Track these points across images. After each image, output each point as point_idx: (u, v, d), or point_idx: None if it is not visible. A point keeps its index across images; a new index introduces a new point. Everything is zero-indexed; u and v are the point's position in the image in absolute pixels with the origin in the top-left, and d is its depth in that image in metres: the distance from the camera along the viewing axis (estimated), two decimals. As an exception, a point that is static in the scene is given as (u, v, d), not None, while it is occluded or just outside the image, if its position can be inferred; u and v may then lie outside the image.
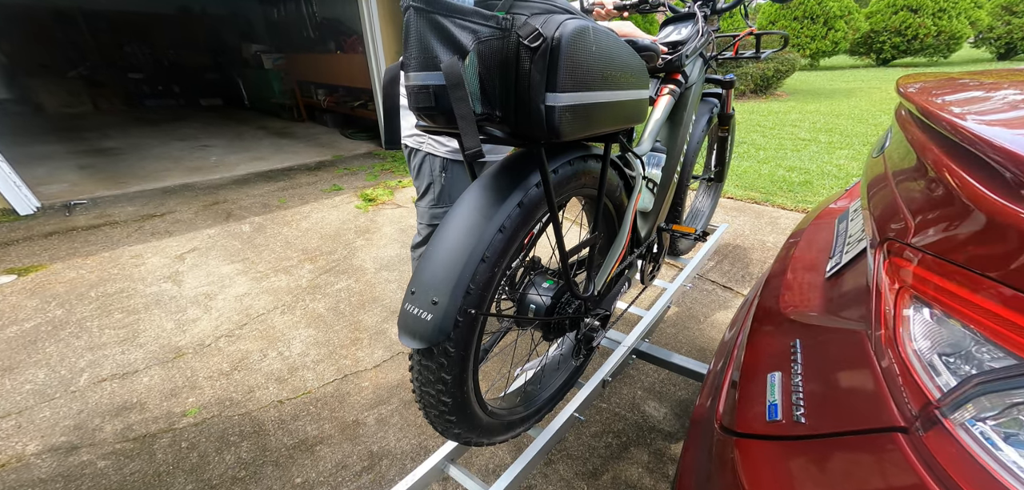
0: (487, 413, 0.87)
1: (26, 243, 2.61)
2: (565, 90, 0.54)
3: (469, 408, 0.78)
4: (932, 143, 0.50)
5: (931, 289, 0.38)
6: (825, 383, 0.46)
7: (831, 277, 0.67)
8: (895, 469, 0.34)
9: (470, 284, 0.63)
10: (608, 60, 0.62)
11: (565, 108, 0.55)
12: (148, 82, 8.22)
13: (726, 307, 1.96)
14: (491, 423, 0.89)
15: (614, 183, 0.96)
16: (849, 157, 3.96)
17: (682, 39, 1.27)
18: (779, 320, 0.65)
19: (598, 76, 0.60)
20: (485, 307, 0.68)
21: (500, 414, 0.94)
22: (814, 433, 0.42)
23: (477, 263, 0.63)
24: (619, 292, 1.15)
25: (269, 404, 1.48)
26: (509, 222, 0.67)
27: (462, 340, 0.67)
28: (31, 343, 1.77)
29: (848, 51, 13.19)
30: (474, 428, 0.83)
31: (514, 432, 1.01)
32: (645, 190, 1.24)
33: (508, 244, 0.68)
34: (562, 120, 0.55)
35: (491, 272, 0.67)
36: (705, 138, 1.61)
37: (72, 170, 4.08)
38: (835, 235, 0.79)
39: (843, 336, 0.50)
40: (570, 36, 0.52)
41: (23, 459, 1.28)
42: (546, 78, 0.52)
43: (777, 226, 2.70)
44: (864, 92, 7.82)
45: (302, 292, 2.14)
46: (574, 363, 1.13)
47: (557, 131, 0.55)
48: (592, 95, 0.60)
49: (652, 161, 1.28)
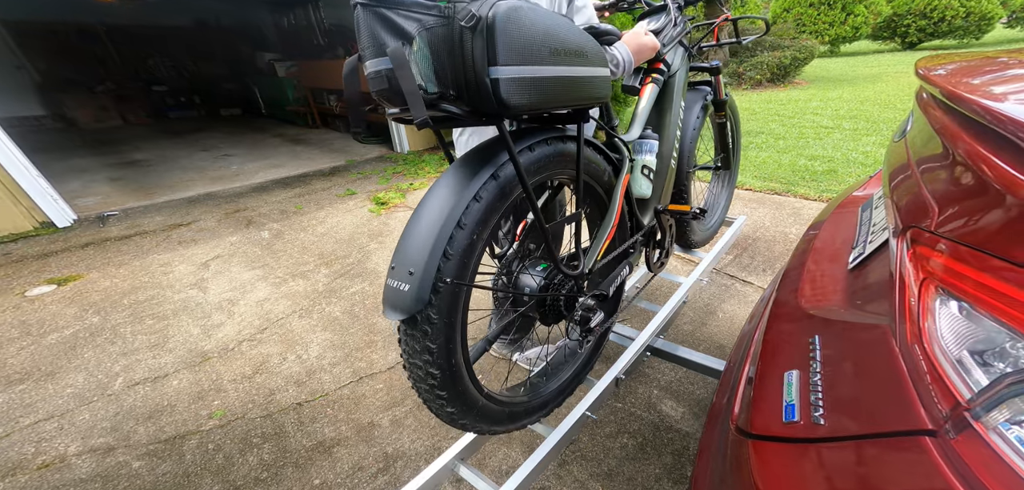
0: (485, 396, 0.87)
1: (64, 254, 2.77)
2: (508, 64, 0.58)
3: (461, 385, 0.78)
4: (960, 127, 0.47)
5: (960, 281, 0.35)
6: (846, 382, 0.44)
7: (854, 268, 0.63)
8: (922, 476, 0.31)
9: (447, 249, 0.66)
10: (552, 37, 0.65)
11: (510, 80, 0.60)
12: (171, 94, 8.59)
13: (746, 302, 1.90)
14: (490, 408, 0.89)
15: (600, 166, 0.99)
16: (876, 144, 3.78)
17: (657, 28, 1.32)
18: (797, 315, 0.62)
19: (544, 51, 0.64)
20: (468, 277, 0.71)
21: (501, 400, 0.94)
22: (834, 436, 0.40)
23: (452, 229, 0.66)
24: (621, 277, 1.14)
25: (289, 406, 1.52)
26: (484, 192, 0.70)
27: (445, 309, 0.69)
28: (71, 349, 1.87)
29: (870, 36, 12.59)
30: (470, 410, 0.82)
31: (519, 423, 1.01)
32: (643, 178, 1.26)
33: (487, 214, 0.71)
34: (509, 91, 0.59)
35: (470, 239, 0.69)
36: (703, 126, 1.64)
37: (104, 183, 4.30)
38: (859, 224, 0.75)
39: (865, 331, 0.47)
40: (503, 13, 0.57)
41: (65, 460, 1.35)
42: (487, 53, 0.57)
43: (800, 217, 2.60)
44: (890, 77, 7.45)
45: (319, 296, 2.19)
46: (580, 352, 1.12)
47: (506, 102, 0.59)
48: (539, 70, 0.64)
49: (646, 149, 1.29)
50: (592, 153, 0.97)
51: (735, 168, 2.11)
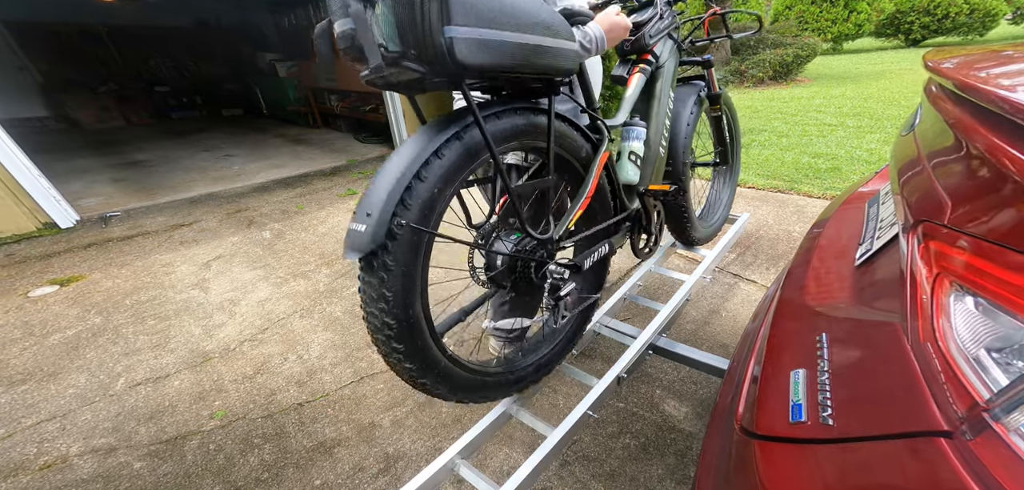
0: (448, 357, 0.87)
1: (67, 254, 2.77)
2: (464, 24, 0.62)
3: (420, 340, 0.79)
4: (975, 119, 0.45)
5: (977, 276, 0.34)
6: (855, 381, 0.43)
7: (861, 265, 0.62)
8: (938, 479, 0.30)
9: (404, 196, 0.69)
10: (511, 4, 0.69)
11: (465, 40, 0.63)
12: (174, 95, 8.61)
13: (749, 301, 1.88)
14: (455, 372, 0.89)
15: (577, 142, 1.03)
16: (881, 141, 3.75)
17: (643, 20, 1.36)
18: (803, 313, 0.61)
19: (502, 17, 0.68)
20: (431, 225, 0.74)
21: (470, 368, 0.93)
22: (843, 437, 0.39)
23: (410, 179, 0.70)
24: (599, 254, 1.16)
25: (290, 406, 1.52)
26: (446, 150, 0.74)
27: (401, 256, 0.71)
28: (73, 349, 1.87)
29: (873, 33, 12.47)
30: (430, 370, 0.82)
31: (489, 395, 1.01)
32: (630, 164, 1.32)
33: (450, 171, 0.75)
34: (463, 51, 0.63)
35: (431, 192, 0.72)
36: (698, 120, 1.68)
37: (107, 183, 4.31)
38: (865, 220, 0.74)
39: (875, 329, 0.46)
40: None
41: (67, 460, 1.35)
42: (442, 14, 0.60)
43: (803, 215, 2.58)
44: (894, 74, 7.39)
45: (320, 296, 2.18)
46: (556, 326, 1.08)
47: (460, 61, 0.63)
48: (496, 33, 0.67)
49: (633, 136, 1.34)
50: (568, 128, 0.99)
51: (736, 165, 2.10)
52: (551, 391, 1.50)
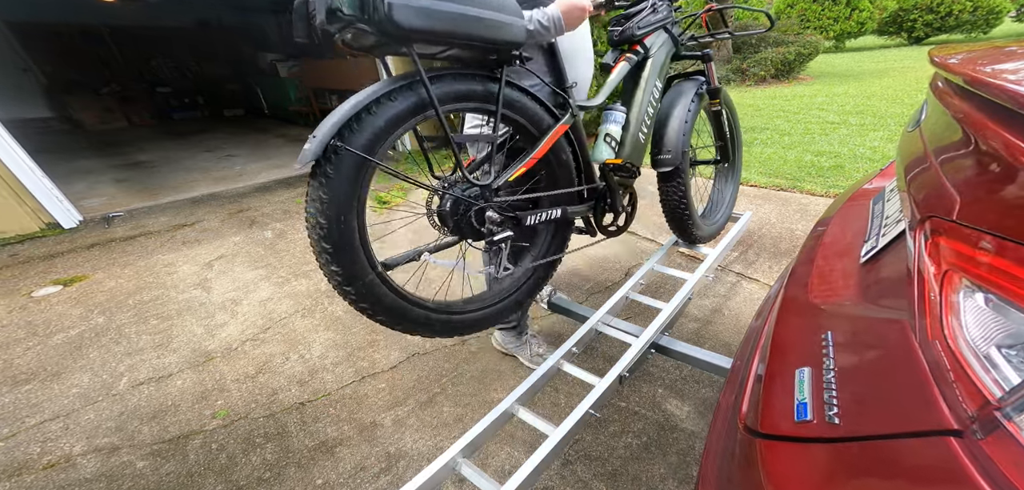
0: (377, 273, 0.95)
1: (70, 255, 2.79)
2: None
3: (348, 247, 0.87)
4: (983, 114, 0.45)
5: (988, 272, 0.33)
6: (862, 380, 0.42)
7: (867, 262, 0.61)
8: (947, 478, 0.30)
9: (351, 122, 0.80)
10: None
11: (403, 6, 0.73)
12: (175, 96, 8.63)
13: (751, 300, 1.87)
14: (380, 290, 0.96)
15: (538, 113, 1.11)
16: (884, 139, 3.73)
17: (634, 13, 1.41)
18: (808, 311, 0.60)
19: None
20: (377, 155, 0.85)
21: (399, 292, 1.00)
22: (850, 436, 0.38)
23: (358, 110, 0.81)
24: (548, 215, 1.20)
25: (291, 406, 1.52)
26: (399, 95, 0.85)
27: (342, 171, 0.81)
28: (76, 349, 1.88)
29: (876, 31, 12.41)
30: (355, 279, 0.90)
31: (412, 327, 1.05)
32: (605, 145, 1.41)
33: (400, 114, 0.86)
34: (402, 16, 0.72)
35: (375, 127, 0.83)
36: (697, 115, 1.69)
37: (110, 184, 4.33)
38: (870, 217, 0.73)
39: (882, 327, 0.45)
40: None
41: (70, 459, 1.36)
42: None
43: (807, 213, 2.57)
44: (896, 72, 7.35)
45: (321, 296, 2.19)
46: (497, 275, 1.16)
47: (399, 24, 0.72)
48: (436, 2, 0.77)
49: (611, 119, 1.42)
50: (525, 99, 1.08)
51: (737, 163, 2.09)
52: (553, 391, 1.50)
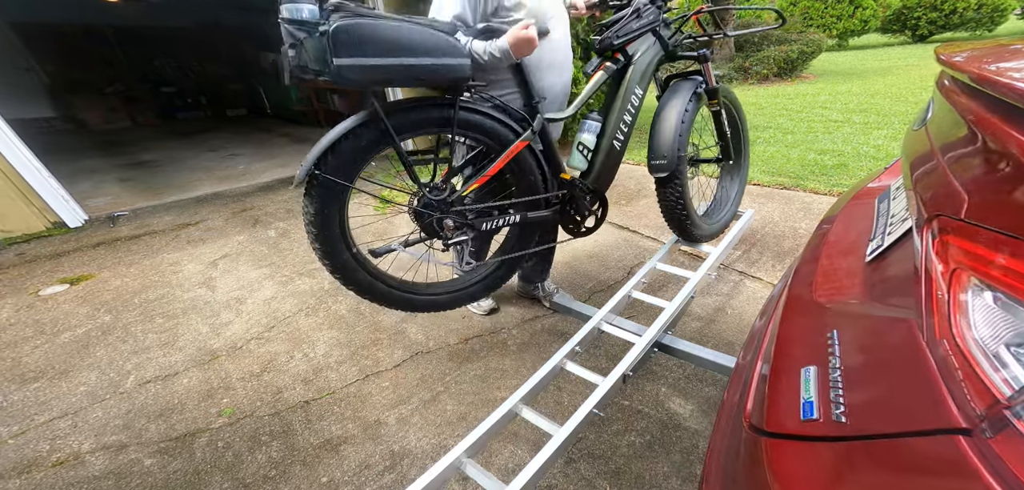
0: (354, 257, 1.21)
1: (76, 254, 2.81)
2: (348, 56, 0.92)
3: (333, 242, 1.15)
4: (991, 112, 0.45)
5: (996, 270, 0.33)
6: (868, 378, 0.42)
7: (872, 261, 0.61)
8: (956, 476, 0.30)
9: (326, 153, 1.05)
10: (387, 39, 0.97)
11: (349, 66, 0.93)
12: (179, 95, 8.66)
13: (754, 299, 1.87)
14: (356, 270, 1.22)
15: (495, 130, 1.25)
16: (888, 137, 3.71)
17: (611, 22, 1.42)
18: (813, 309, 0.61)
19: (384, 47, 0.97)
20: (351, 177, 1.12)
21: (371, 271, 1.26)
22: (856, 434, 0.38)
23: (331, 144, 1.05)
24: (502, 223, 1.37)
25: (296, 404, 1.53)
26: (362, 130, 1.08)
27: (322, 192, 1.09)
28: (83, 347, 1.90)
29: (879, 29, 12.31)
30: (336, 258, 1.17)
31: (380, 300, 1.30)
32: (578, 153, 1.49)
33: (366, 146, 1.11)
34: (349, 74, 0.94)
35: (345, 157, 1.09)
36: (696, 115, 1.69)
37: (114, 183, 4.35)
38: (875, 215, 0.73)
39: (888, 326, 0.45)
40: (334, 29, 0.90)
41: (79, 457, 1.37)
42: (331, 48, 0.91)
43: (810, 211, 2.56)
44: (900, 70, 7.30)
45: (325, 294, 2.20)
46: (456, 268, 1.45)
47: (349, 80, 0.94)
48: (377, 60, 0.96)
49: (586, 128, 1.48)
50: (482, 120, 1.22)
51: (743, 162, 2.09)
52: (556, 390, 1.51)
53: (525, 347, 1.74)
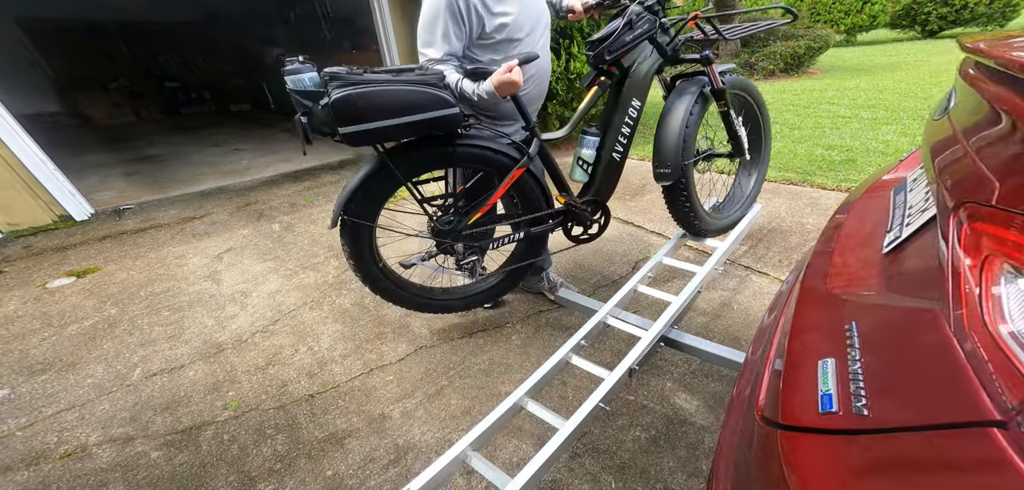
0: (381, 271, 1.48)
1: (83, 247, 2.82)
2: (349, 124, 1.09)
3: (365, 262, 1.42)
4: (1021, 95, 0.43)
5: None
6: (892, 370, 0.41)
7: (890, 252, 0.60)
8: (991, 470, 0.29)
9: (350, 200, 1.28)
10: (378, 104, 1.11)
11: (352, 132, 1.10)
12: (183, 91, 8.66)
13: (761, 294, 1.85)
14: (381, 279, 1.48)
15: (496, 159, 1.38)
16: (898, 132, 3.66)
17: (600, 38, 1.41)
18: (829, 301, 0.59)
19: (379, 112, 1.11)
20: (370, 217, 1.35)
21: (394, 279, 1.52)
22: (880, 427, 0.37)
23: (353, 191, 1.28)
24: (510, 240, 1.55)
25: (301, 398, 1.53)
26: (376, 174, 1.29)
27: (351, 230, 1.34)
28: (90, 340, 1.91)
29: (888, 24, 12.12)
30: (367, 272, 1.44)
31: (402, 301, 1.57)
32: (578, 168, 1.56)
33: (384, 188, 1.32)
34: (354, 138, 1.11)
35: (366, 199, 1.31)
36: (703, 116, 1.68)
37: (120, 177, 4.37)
38: (892, 207, 0.71)
39: (912, 316, 0.44)
40: (333, 103, 1.06)
41: (86, 449, 1.38)
42: (334, 118, 1.07)
43: (817, 207, 2.53)
44: (909, 65, 7.19)
45: (329, 288, 2.20)
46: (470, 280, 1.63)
47: (356, 142, 1.11)
48: (375, 123, 1.11)
49: (585, 143, 1.53)
50: (485, 152, 1.35)
51: (763, 157, 2.06)
52: (560, 384, 1.50)
53: (529, 341, 1.73)
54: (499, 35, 1.33)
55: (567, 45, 3.61)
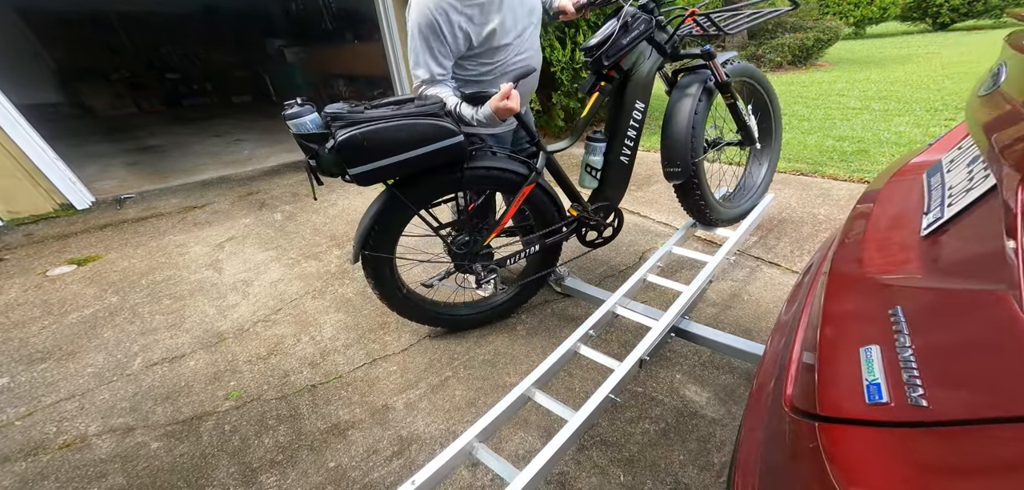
0: (403, 294, 1.53)
1: (84, 235, 2.80)
2: (356, 165, 1.11)
3: (386, 283, 1.45)
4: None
5: None
6: (951, 357, 0.37)
7: (930, 235, 0.56)
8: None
9: (367, 235, 1.33)
10: (383, 143, 1.12)
11: (360, 173, 1.12)
12: (184, 82, 8.60)
13: (772, 285, 1.81)
14: (397, 295, 1.51)
15: (506, 179, 1.41)
16: (911, 124, 3.58)
17: (595, 44, 1.36)
18: (866, 286, 0.55)
19: (384, 150, 1.13)
20: (386, 249, 1.39)
21: (409, 295, 1.56)
22: (942, 420, 0.33)
23: (371, 226, 1.32)
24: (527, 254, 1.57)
25: (303, 388, 1.51)
26: (390, 207, 1.32)
27: (374, 266, 1.40)
28: (91, 328, 1.89)
29: (899, 17, 11.89)
30: (384, 287, 1.46)
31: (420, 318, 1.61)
32: (587, 175, 1.56)
33: (399, 221, 1.36)
34: (363, 178, 1.14)
35: (382, 233, 1.35)
36: (709, 110, 1.66)
37: (121, 167, 4.35)
38: (927, 189, 0.67)
39: (973, 299, 0.40)
40: (339, 145, 1.07)
41: (86, 439, 1.36)
42: (341, 161, 1.10)
43: (829, 198, 2.48)
44: (921, 58, 7.05)
45: (331, 277, 2.17)
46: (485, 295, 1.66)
47: (366, 182, 1.15)
48: (382, 161, 1.14)
49: (592, 150, 1.52)
50: (496, 173, 1.38)
51: (775, 146, 2.01)
52: (566, 376, 1.47)
53: (535, 332, 1.70)
54: (489, 43, 1.32)
55: (573, 33, 3.54)
